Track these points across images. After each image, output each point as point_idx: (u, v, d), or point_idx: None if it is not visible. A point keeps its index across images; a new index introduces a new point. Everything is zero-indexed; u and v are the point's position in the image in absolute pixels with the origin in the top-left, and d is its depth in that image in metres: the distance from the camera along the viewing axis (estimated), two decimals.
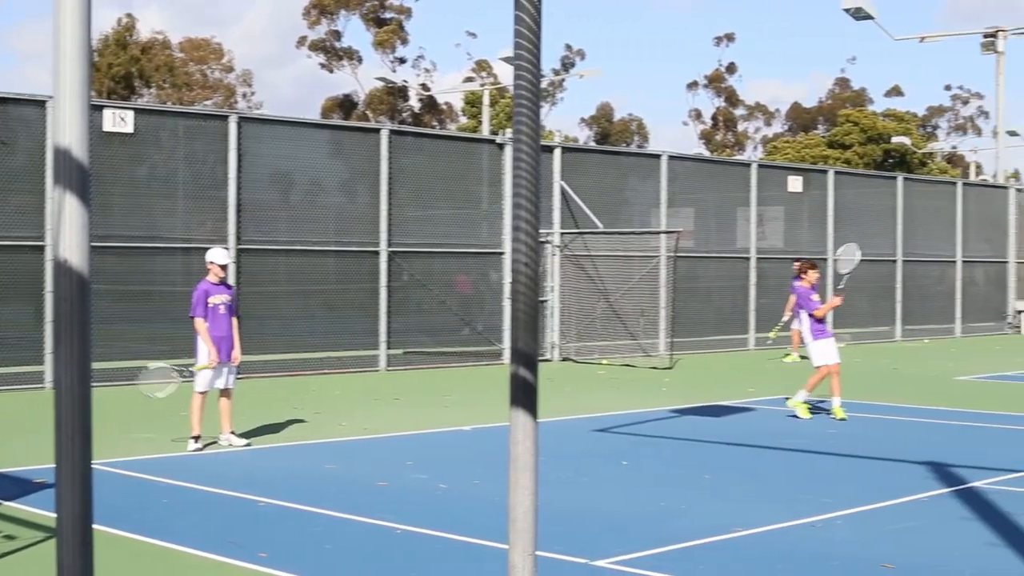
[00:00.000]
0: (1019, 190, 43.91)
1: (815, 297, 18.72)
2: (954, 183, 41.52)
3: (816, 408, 18.82)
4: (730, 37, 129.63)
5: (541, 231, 28.37)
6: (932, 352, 32.92)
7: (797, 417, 18.22)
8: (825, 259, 34.50)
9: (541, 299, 27.93)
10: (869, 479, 13.16)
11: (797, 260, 27.17)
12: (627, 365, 27.39)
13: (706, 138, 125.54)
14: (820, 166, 47.66)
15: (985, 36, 46.06)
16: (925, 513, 11.23)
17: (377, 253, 25.49)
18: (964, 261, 39.65)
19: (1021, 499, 11.88)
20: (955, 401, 20.92)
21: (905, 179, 39.10)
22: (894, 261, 37.01)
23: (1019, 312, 41.40)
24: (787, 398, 19.02)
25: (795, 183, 34.53)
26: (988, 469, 13.57)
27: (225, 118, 24.01)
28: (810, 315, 18.57)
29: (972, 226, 40.19)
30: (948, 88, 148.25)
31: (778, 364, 28.13)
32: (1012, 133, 63.66)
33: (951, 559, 9.46)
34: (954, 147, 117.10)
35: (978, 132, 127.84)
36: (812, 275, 18.85)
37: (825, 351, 18.47)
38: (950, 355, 31.66)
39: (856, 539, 10.12)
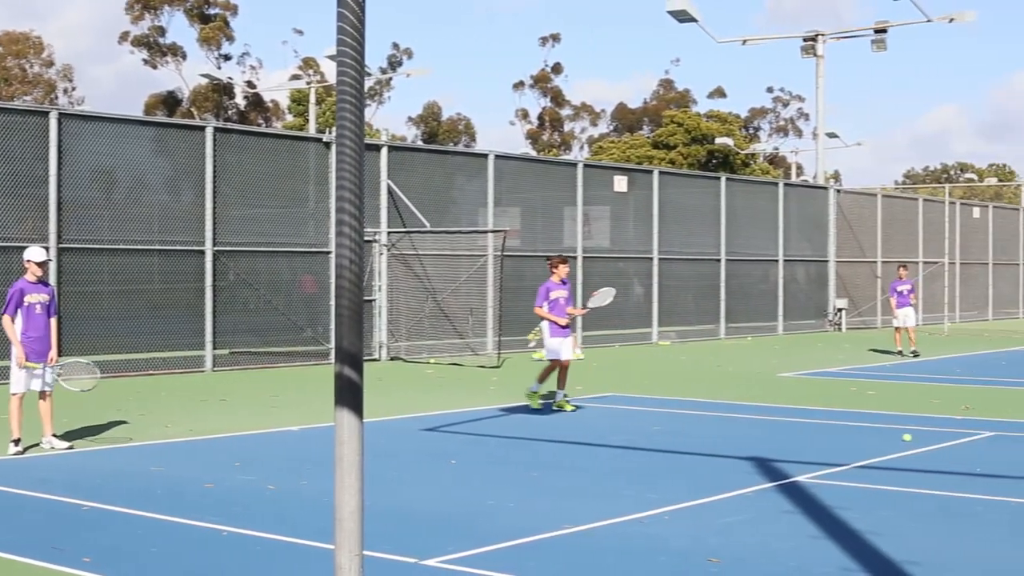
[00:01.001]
0: (839, 191, 44.91)
1: (554, 295, 19.25)
2: (776, 183, 42.33)
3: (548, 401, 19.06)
4: (556, 37, 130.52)
5: (368, 230, 28.11)
6: (755, 349, 33.49)
7: (564, 410, 19.00)
8: (651, 258, 34.92)
9: (368, 298, 27.83)
10: (695, 475, 13.33)
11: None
12: (455, 364, 27.41)
13: (533, 138, 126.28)
14: (645, 166, 48.23)
15: (805, 40, 46.97)
16: (750, 508, 11.40)
17: (202, 252, 25.17)
18: (786, 260, 40.41)
19: (842, 492, 12.12)
20: (778, 397, 21.28)
21: (728, 179, 39.71)
22: (718, 260, 37.58)
23: (839, 310, 42.32)
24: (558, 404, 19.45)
25: (620, 183, 34.87)
26: (811, 464, 13.83)
27: (45, 114, 23.48)
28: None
29: (793, 226, 40.99)
30: (770, 90, 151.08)
31: (604, 362, 28.35)
32: (832, 135, 65.05)
33: (776, 552, 9.61)
34: (776, 148, 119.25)
35: (799, 133, 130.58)
36: (563, 269, 19.40)
37: (560, 348, 19.04)
38: (773, 352, 32.23)
39: (683, 534, 10.23)
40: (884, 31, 44.59)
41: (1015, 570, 9.24)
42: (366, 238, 27.09)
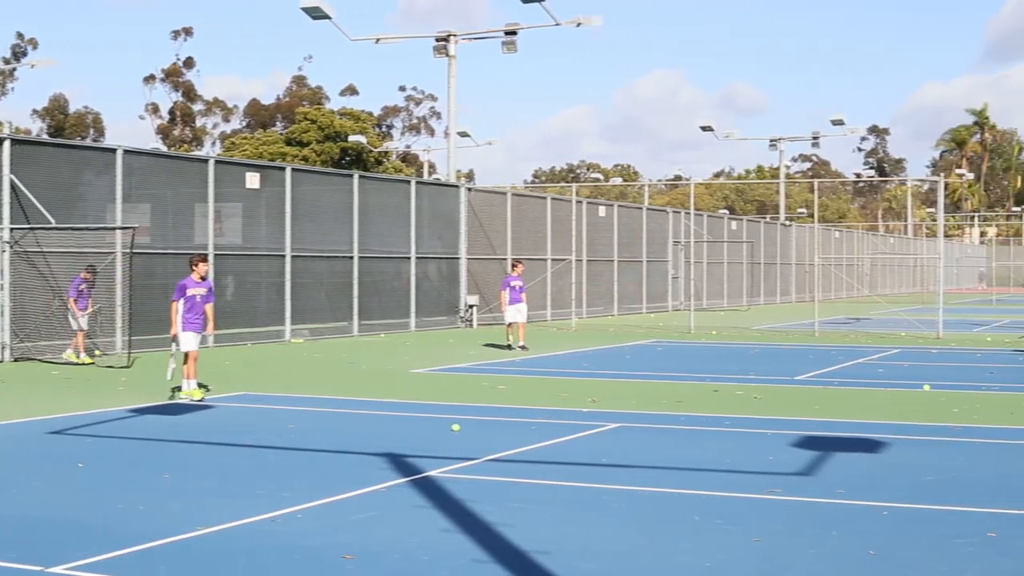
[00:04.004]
0: (470, 189, 45.63)
1: (192, 291, 20.09)
2: (408, 181, 42.66)
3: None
4: (188, 31, 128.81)
5: None
6: (388, 346, 33.70)
7: (200, 402, 19.57)
8: (283, 255, 34.72)
9: None
10: (328, 472, 13.33)
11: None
12: (84, 364, 26.66)
13: (164, 133, 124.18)
14: (278, 163, 47.95)
15: (437, 40, 47.56)
16: (384, 503, 11.48)
17: None
18: (418, 257, 40.81)
19: (474, 486, 12.32)
20: (410, 393, 21.47)
21: (361, 177, 39.81)
22: (351, 258, 37.65)
23: (471, 306, 43.00)
24: (178, 389, 20.18)
25: (253, 179, 34.55)
26: (443, 458, 14.01)
27: None
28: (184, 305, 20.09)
29: (426, 223, 41.44)
30: (403, 89, 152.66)
31: (236, 361, 28.06)
32: (463, 134, 66.08)
33: (410, 546, 9.71)
34: (408, 146, 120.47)
35: (431, 132, 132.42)
36: (202, 267, 20.34)
37: (187, 341, 20.11)
38: (406, 348, 32.50)
39: (317, 531, 10.22)
40: (515, 33, 45.55)
41: (639, 556, 9.58)
42: None
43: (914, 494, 12.07)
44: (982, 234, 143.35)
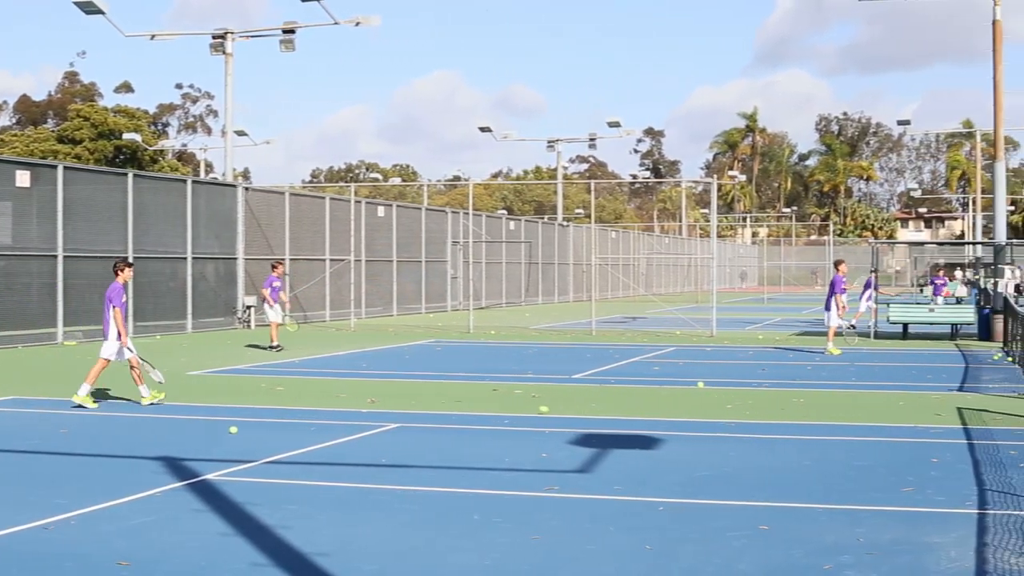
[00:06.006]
0: (247, 188, 45.16)
1: (124, 297, 20.05)
2: (184, 180, 42.03)
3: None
4: None
5: None
6: (165, 348, 33.16)
7: (84, 408, 18.87)
8: (56, 256, 33.91)
9: None
10: (103, 477, 13.08)
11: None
12: None
13: None
14: (49, 161, 46.83)
15: (214, 37, 46.99)
16: (160, 508, 11.30)
17: None
18: (195, 257, 40.23)
19: (252, 488, 12.22)
20: (187, 395, 21.19)
21: (136, 176, 39.09)
22: (126, 258, 36.93)
23: (248, 307, 42.57)
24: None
25: (23, 178, 33.67)
26: (220, 461, 13.86)
27: None
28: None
29: (202, 223, 40.87)
30: (179, 86, 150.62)
31: (5, 364, 27.32)
32: (241, 133, 65.42)
33: (186, 551, 9.59)
34: (185, 145, 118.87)
35: (208, 131, 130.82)
36: (128, 272, 20.37)
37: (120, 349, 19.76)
38: (183, 350, 32.03)
39: (91, 538, 10.03)
40: (293, 31, 45.29)
41: (420, 555, 9.61)
42: None
43: (689, 489, 12.33)
44: (754, 234, 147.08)
